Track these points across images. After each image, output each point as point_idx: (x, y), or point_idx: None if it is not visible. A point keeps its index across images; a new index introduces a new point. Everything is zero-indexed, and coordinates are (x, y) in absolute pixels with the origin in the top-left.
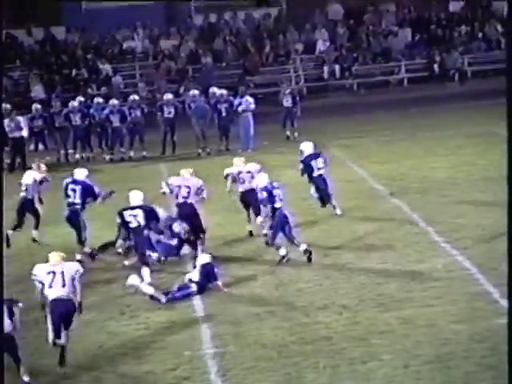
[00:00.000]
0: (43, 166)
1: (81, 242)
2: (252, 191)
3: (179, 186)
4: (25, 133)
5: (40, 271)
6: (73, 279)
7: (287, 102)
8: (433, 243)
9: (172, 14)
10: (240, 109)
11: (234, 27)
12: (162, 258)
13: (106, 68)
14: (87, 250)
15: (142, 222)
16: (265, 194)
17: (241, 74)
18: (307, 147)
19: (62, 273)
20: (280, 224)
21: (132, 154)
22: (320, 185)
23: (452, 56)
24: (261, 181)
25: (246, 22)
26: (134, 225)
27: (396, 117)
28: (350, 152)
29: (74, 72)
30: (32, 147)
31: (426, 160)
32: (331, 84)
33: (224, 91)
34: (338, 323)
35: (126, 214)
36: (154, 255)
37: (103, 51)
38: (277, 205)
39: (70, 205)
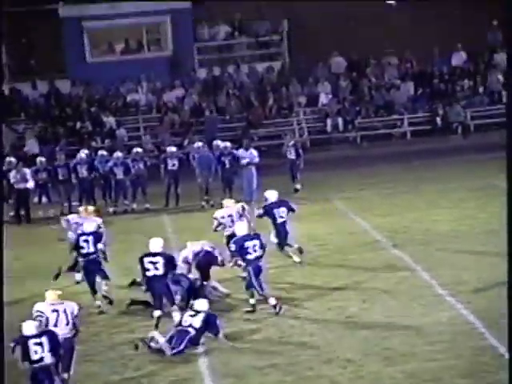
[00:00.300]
0: (91, 208)
1: (107, 279)
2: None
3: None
4: (30, 184)
5: (44, 308)
6: (73, 316)
7: (290, 154)
8: (437, 296)
9: (176, 67)
10: (244, 162)
11: (237, 80)
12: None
13: (109, 121)
14: (98, 302)
15: (162, 271)
16: (233, 248)
17: (244, 126)
18: (271, 195)
19: (65, 311)
20: (254, 275)
21: (135, 206)
22: (281, 232)
23: (454, 109)
24: (238, 230)
25: (250, 76)
26: (151, 273)
27: (399, 169)
28: (353, 204)
29: (78, 125)
30: (36, 199)
31: (428, 213)
32: (334, 137)
33: (228, 144)
34: (343, 377)
35: (146, 260)
36: (174, 308)
37: (107, 104)
38: (249, 256)
39: (85, 255)
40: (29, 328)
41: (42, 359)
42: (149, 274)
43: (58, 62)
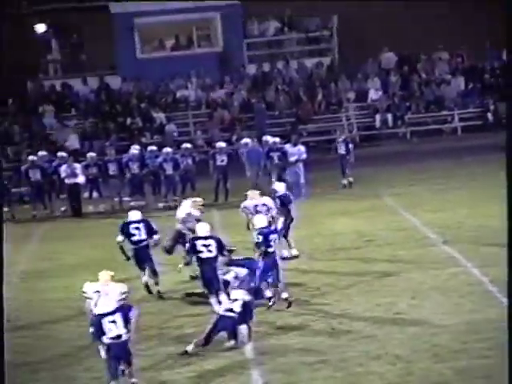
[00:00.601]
0: (199, 200)
1: (155, 274)
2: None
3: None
4: (81, 179)
5: (89, 289)
6: (118, 299)
7: (341, 149)
8: (487, 293)
9: (225, 63)
10: (293, 159)
11: (286, 76)
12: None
13: (159, 116)
14: (145, 278)
15: (214, 252)
16: (261, 238)
17: (293, 122)
18: (280, 187)
19: (107, 294)
20: (265, 269)
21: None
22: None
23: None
24: (259, 223)
25: (299, 71)
26: (204, 255)
27: (450, 165)
28: (403, 200)
29: (128, 120)
30: (86, 195)
31: (480, 209)
32: (384, 132)
33: (277, 139)
34: (392, 374)
35: (199, 243)
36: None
37: (157, 100)
38: (270, 249)
39: (137, 243)
40: (103, 306)
41: (119, 336)
42: (202, 256)
43: (109, 58)
